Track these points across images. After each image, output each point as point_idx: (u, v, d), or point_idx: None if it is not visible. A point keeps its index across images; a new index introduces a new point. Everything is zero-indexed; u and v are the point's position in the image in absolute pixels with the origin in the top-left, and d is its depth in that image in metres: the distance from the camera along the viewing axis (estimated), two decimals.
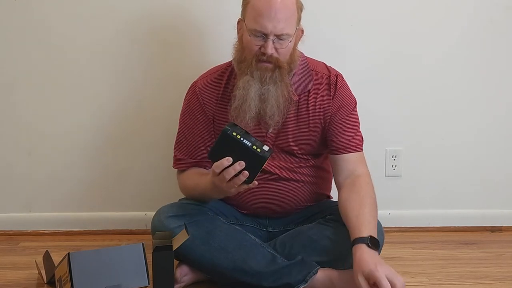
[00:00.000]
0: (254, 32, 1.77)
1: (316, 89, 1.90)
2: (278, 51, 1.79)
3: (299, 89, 1.89)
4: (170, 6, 2.34)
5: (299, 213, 1.96)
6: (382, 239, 1.85)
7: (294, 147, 1.91)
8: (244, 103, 1.81)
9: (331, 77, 1.92)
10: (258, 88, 1.80)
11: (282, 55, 1.80)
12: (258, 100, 1.81)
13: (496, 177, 2.47)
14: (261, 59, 1.79)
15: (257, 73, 1.79)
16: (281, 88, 1.81)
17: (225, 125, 1.67)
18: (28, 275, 1.95)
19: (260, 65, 1.79)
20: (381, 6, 2.38)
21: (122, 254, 1.70)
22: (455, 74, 2.43)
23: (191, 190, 1.92)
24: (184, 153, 1.97)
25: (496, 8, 2.40)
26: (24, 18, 2.34)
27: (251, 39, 1.78)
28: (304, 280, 1.74)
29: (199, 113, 1.94)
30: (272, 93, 1.80)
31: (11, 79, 2.38)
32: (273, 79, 1.80)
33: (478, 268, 2.01)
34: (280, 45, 1.78)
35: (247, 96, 1.80)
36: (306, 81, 1.90)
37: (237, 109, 1.82)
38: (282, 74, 1.80)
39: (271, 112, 1.82)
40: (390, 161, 2.45)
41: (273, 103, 1.81)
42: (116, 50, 2.37)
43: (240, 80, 1.82)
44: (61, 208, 2.43)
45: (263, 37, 1.77)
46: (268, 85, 1.80)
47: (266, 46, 1.76)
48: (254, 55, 1.79)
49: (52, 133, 2.40)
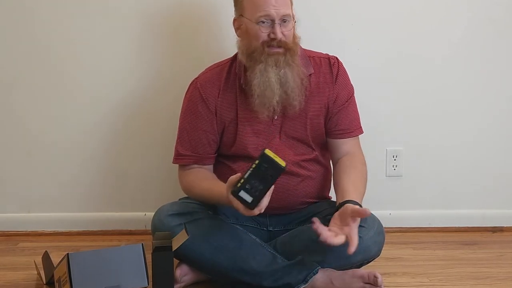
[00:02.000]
0: (261, 20, 1.83)
1: (317, 72, 1.95)
2: (285, 34, 1.84)
3: None
4: (168, 5, 2.33)
5: (299, 212, 1.96)
6: (382, 239, 1.87)
7: (302, 132, 1.93)
8: (267, 88, 1.84)
9: (330, 59, 1.98)
10: (276, 73, 1.84)
11: (288, 37, 1.86)
12: (279, 84, 1.85)
13: (497, 177, 2.46)
14: (271, 44, 1.83)
15: (271, 59, 1.84)
16: (295, 69, 1.86)
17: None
18: (27, 276, 1.95)
19: (272, 50, 1.84)
20: (382, 6, 2.38)
21: (122, 255, 1.69)
22: (456, 74, 2.43)
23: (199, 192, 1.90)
24: (187, 148, 1.96)
25: (497, 8, 2.40)
26: (23, 17, 2.34)
27: (259, 28, 1.84)
28: (304, 280, 1.75)
29: (201, 108, 1.95)
30: (289, 75, 1.85)
31: (11, 79, 2.38)
32: (287, 62, 1.85)
33: (479, 269, 2.01)
34: (286, 27, 1.85)
35: (269, 82, 1.84)
36: (306, 66, 1.93)
37: (260, 97, 1.85)
38: (292, 56, 1.86)
39: (293, 93, 1.86)
40: (391, 161, 2.44)
41: (293, 85, 1.86)
42: (115, 51, 2.36)
43: (256, 69, 1.85)
44: (60, 208, 2.43)
45: (270, 23, 1.82)
46: (284, 68, 1.85)
47: (275, 31, 1.82)
48: (263, 42, 1.84)
49: (51, 134, 2.40)
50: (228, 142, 1.95)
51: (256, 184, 1.59)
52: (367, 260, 1.85)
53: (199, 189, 1.90)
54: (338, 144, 1.97)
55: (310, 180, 1.95)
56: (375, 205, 2.15)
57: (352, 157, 1.94)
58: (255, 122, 1.92)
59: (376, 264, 1.92)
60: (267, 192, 1.62)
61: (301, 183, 1.93)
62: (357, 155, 1.96)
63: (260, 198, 1.61)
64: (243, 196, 1.60)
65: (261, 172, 1.58)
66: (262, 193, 1.60)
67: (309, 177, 1.95)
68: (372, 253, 1.84)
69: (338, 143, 1.97)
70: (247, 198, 1.60)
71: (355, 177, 1.87)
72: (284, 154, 1.90)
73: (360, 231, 1.78)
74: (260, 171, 1.58)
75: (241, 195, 1.60)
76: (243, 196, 1.60)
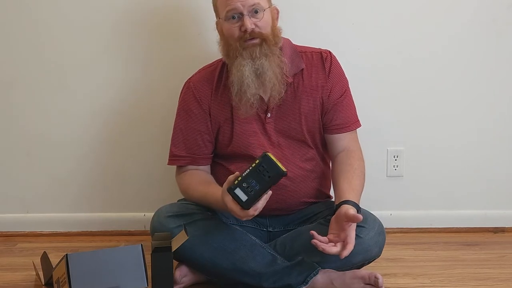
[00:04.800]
0: (228, 15, 1.83)
1: (309, 67, 1.93)
2: (257, 24, 1.83)
3: (292, 71, 1.91)
4: (166, 4, 2.33)
5: (299, 213, 1.96)
6: (383, 240, 1.86)
7: (297, 129, 1.92)
8: (242, 83, 1.84)
9: (322, 53, 1.96)
10: (251, 66, 1.83)
11: (263, 27, 1.84)
12: (255, 76, 1.84)
13: (498, 177, 2.46)
14: (245, 38, 1.83)
15: (246, 52, 1.84)
16: (273, 59, 1.85)
17: None
18: (26, 277, 1.94)
19: (246, 44, 1.84)
20: (383, 6, 2.37)
21: (121, 256, 1.69)
22: (457, 75, 2.42)
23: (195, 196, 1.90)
24: (181, 149, 1.97)
25: (498, 8, 2.39)
26: (22, 17, 2.33)
27: (229, 24, 1.84)
28: (304, 281, 1.74)
29: (195, 108, 1.95)
30: (266, 65, 1.84)
31: (9, 79, 2.38)
32: (263, 52, 1.84)
33: (480, 270, 2.00)
34: (256, 17, 1.83)
35: (243, 76, 1.83)
36: (297, 61, 1.93)
37: (238, 93, 1.86)
38: (269, 46, 1.85)
39: (270, 83, 1.85)
40: (392, 162, 2.43)
41: (271, 75, 1.84)
42: (113, 51, 2.36)
43: (233, 66, 1.86)
44: (59, 209, 2.42)
45: (239, 16, 1.82)
46: (259, 59, 1.83)
47: (245, 22, 1.82)
48: (237, 38, 1.84)
49: (50, 134, 2.39)
50: (224, 141, 1.94)
51: (253, 184, 1.60)
52: (368, 261, 1.85)
53: (195, 192, 1.90)
54: (335, 139, 1.95)
55: (310, 180, 1.95)
56: (375, 205, 2.15)
57: (349, 153, 1.92)
58: (250, 121, 1.91)
59: (377, 265, 1.92)
60: (264, 195, 1.62)
61: (300, 183, 1.93)
62: (354, 150, 1.93)
63: (255, 199, 1.61)
64: (238, 194, 1.61)
65: (259, 172, 1.59)
66: (258, 194, 1.60)
67: (308, 176, 1.94)
68: (372, 254, 1.84)
69: (335, 138, 1.95)
70: (242, 196, 1.61)
71: (352, 175, 1.85)
72: (283, 154, 1.90)
73: (361, 232, 1.79)
74: (258, 171, 1.59)
75: (237, 193, 1.61)
76: (238, 194, 1.61)
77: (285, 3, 2.00)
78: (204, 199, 1.85)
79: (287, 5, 2.06)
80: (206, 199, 1.84)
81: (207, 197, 1.83)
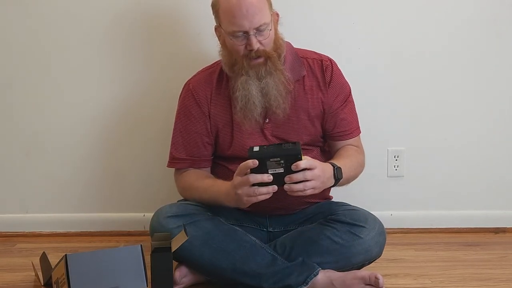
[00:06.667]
0: (234, 34, 1.82)
1: (310, 75, 1.94)
2: (262, 42, 1.83)
3: (292, 77, 1.91)
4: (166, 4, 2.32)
5: (299, 213, 1.95)
6: (383, 240, 1.86)
7: (295, 137, 1.91)
8: (247, 102, 1.85)
9: (323, 62, 1.96)
10: (257, 85, 1.85)
11: (267, 45, 1.84)
12: (261, 96, 1.85)
13: (499, 177, 2.45)
14: (251, 56, 1.83)
15: (252, 72, 1.84)
16: (277, 76, 1.86)
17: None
18: (25, 277, 1.94)
19: (252, 63, 1.84)
20: (383, 5, 2.36)
21: (120, 256, 1.69)
22: (458, 75, 2.41)
23: (197, 192, 1.90)
24: (181, 151, 1.97)
25: (498, 8, 2.38)
26: (21, 17, 2.33)
27: (234, 41, 1.83)
28: (305, 282, 1.74)
29: (194, 110, 1.95)
30: (271, 84, 1.85)
31: (9, 79, 2.37)
32: (268, 71, 1.85)
33: (481, 270, 2.00)
34: (262, 36, 1.82)
35: (249, 95, 1.85)
36: (298, 68, 1.93)
37: (242, 110, 1.87)
38: (274, 63, 1.85)
39: (275, 102, 1.86)
40: (392, 162, 2.43)
41: (275, 93, 1.86)
42: (113, 51, 2.35)
43: (238, 81, 1.86)
44: (59, 209, 2.42)
45: (244, 35, 1.81)
46: (265, 78, 1.85)
47: (251, 42, 1.81)
48: (243, 55, 1.84)
49: (49, 134, 2.39)
50: (225, 144, 1.94)
51: (271, 148, 1.68)
52: (368, 261, 1.85)
53: (201, 184, 1.89)
54: (338, 145, 1.98)
55: None
56: (376, 205, 2.16)
57: (350, 146, 1.96)
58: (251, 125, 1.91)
59: (377, 265, 1.92)
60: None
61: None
62: (357, 146, 1.98)
63: (266, 157, 1.64)
64: (254, 148, 1.68)
65: (282, 146, 1.68)
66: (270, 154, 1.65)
67: None
68: (373, 254, 1.84)
69: (337, 144, 1.98)
70: (255, 148, 1.68)
71: (349, 152, 1.92)
72: None
73: (361, 232, 1.80)
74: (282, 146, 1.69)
75: (253, 147, 1.68)
76: (254, 148, 1.68)
77: (285, 3, 2.00)
78: (209, 189, 1.85)
79: (287, 5, 2.05)
80: (212, 190, 1.84)
81: (214, 187, 1.84)
